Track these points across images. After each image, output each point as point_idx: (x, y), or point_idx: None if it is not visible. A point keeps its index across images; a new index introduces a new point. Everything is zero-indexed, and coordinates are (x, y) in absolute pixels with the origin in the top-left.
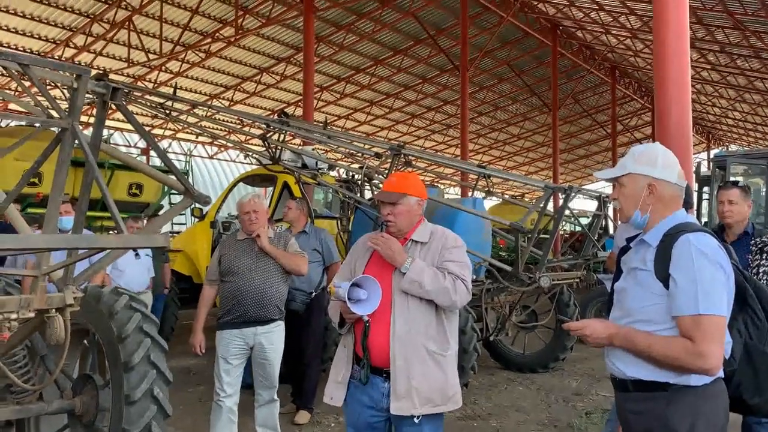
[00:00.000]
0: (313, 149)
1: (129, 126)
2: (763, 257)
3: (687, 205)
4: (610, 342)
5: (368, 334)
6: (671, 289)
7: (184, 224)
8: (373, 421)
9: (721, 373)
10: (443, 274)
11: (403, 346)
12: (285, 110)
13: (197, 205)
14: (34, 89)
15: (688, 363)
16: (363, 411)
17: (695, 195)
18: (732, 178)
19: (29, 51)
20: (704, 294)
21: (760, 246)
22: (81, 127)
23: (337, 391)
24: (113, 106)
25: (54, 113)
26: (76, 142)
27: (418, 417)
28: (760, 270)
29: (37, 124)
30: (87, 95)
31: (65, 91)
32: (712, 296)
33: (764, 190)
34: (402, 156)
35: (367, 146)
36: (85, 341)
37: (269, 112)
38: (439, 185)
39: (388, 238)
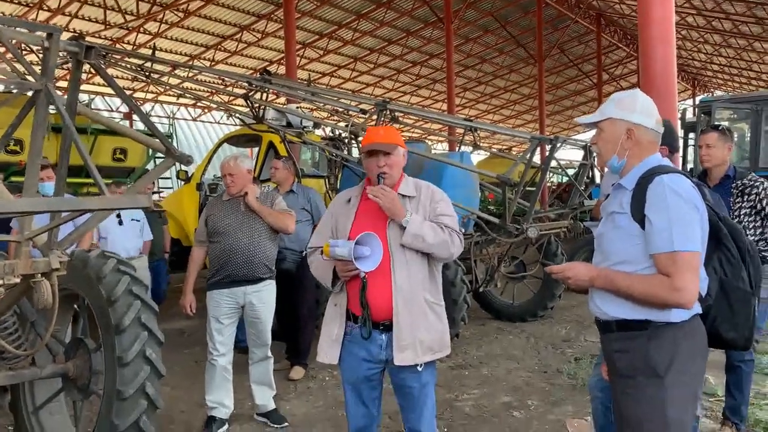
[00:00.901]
0: (297, 108)
1: (110, 90)
2: (744, 199)
3: (672, 149)
4: (591, 284)
5: (366, 289)
6: (647, 229)
7: (171, 188)
8: (370, 373)
9: (698, 309)
10: (441, 227)
11: (405, 299)
12: (267, 68)
13: (182, 167)
14: (9, 54)
15: (666, 298)
16: (360, 365)
17: (681, 141)
18: (716, 123)
19: (1, 14)
20: (679, 231)
21: (740, 189)
22: (61, 93)
23: (332, 350)
24: (93, 71)
25: (31, 78)
26: (52, 107)
27: (420, 365)
28: (741, 212)
29: (12, 88)
30: (61, 55)
31: (41, 55)
32: (686, 233)
33: (749, 134)
34: (388, 112)
35: (352, 103)
36: (76, 306)
37: (252, 71)
38: (426, 141)
39: (389, 191)
